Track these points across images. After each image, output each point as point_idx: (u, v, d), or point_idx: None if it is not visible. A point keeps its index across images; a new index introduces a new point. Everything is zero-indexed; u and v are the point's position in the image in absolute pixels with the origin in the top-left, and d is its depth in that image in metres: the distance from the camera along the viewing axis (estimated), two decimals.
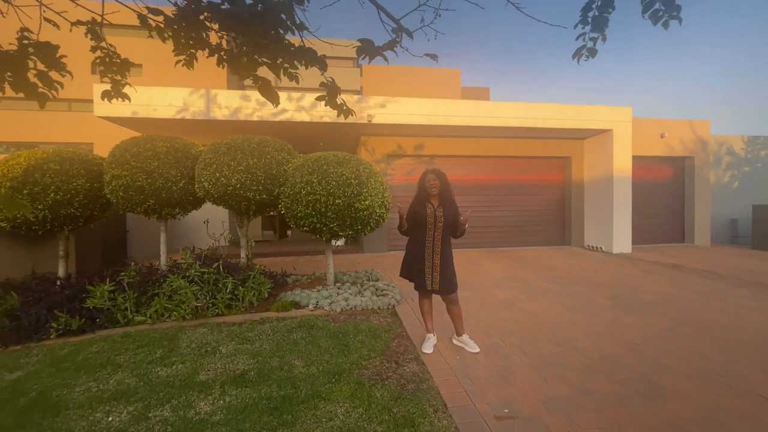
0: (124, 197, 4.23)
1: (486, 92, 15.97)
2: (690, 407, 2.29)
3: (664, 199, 9.87)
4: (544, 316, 3.98)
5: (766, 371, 2.74)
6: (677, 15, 1.45)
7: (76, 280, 4.27)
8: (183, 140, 4.61)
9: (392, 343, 3.25)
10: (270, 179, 4.36)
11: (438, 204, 3.07)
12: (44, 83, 2.12)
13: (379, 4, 1.96)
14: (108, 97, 2.41)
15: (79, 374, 2.78)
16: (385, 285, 4.78)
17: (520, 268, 6.68)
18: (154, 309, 3.75)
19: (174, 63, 2.14)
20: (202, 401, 2.38)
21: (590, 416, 2.20)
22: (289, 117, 6.82)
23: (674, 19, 1.46)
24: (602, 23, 1.63)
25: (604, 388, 2.52)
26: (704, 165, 9.72)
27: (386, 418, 2.16)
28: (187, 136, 5.92)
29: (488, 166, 9.15)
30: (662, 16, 1.47)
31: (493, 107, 7.70)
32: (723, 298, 4.65)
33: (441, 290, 3.01)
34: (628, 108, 8.30)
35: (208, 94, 6.54)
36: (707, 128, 9.72)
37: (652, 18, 1.50)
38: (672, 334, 3.46)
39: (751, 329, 3.58)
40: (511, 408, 2.29)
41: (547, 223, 9.54)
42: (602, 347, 3.16)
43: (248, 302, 4.10)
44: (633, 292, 4.93)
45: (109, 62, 2.28)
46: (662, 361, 2.90)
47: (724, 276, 5.89)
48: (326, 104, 2.28)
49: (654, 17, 1.49)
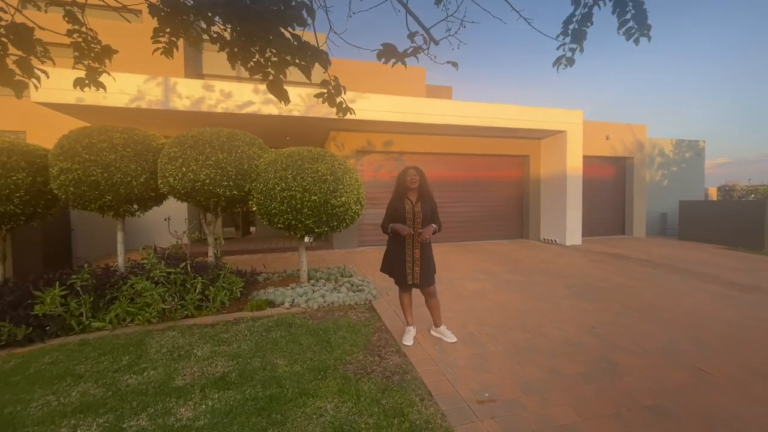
0: (75, 193, 3.85)
1: (449, 91, 16.40)
2: (642, 381, 2.60)
3: (608, 196, 10.85)
4: (512, 305, 4.25)
5: (699, 345, 3.16)
6: (647, 33, 1.65)
7: (16, 285, 3.83)
8: (143, 132, 4.28)
9: (373, 337, 3.31)
10: (241, 175, 4.20)
11: (416, 199, 3.16)
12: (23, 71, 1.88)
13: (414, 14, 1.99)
14: (81, 85, 2.16)
15: (33, 388, 2.53)
16: (360, 281, 4.81)
17: (485, 260, 7.03)
18: (114, 313, 3.48)
19: (151, 51, 1.98)
20: (182, 407, 2.28)
21: (561, 395, 2.41)
22: (256, 110, 6.55)
23: (644, 36, 1.66)
24: (581, 36, 1.79)
25: (570, 368, 2.77)
26: (641, 165, 10.80)
27: (376, 410, 2.21)
28: (143, 127, 5.50)
29: (453, 164, 9.46)
30: (634, 33, 1.66)
31: (461, 107, 7.96)
32: (660, 284, 5.25)
33: (421, 284, 3.11)
34: (579, 111, 8.98)
35: (167, 83, 6.09)
36: (644, 132, 10.79)
37: (626, 34, 1.68)
38: (622, 317, 3.86)
39: (683, 309, 4.10)
40: (491, 392, 2.44)
41: (507, 218, 10.09)
42: (565, 332, 3.46)
43: (220, 302, 3.93)
44: (587, 281, 5.40)
45: (86, 48, 2.05)
46: (616, 342, 3.23)
47: (659, 264, 6.63)
48: (323, 102, 2.24)
49: (627, 33, 1.67)
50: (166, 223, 5.19)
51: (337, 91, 2.21)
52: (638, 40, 1.67)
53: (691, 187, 12.80)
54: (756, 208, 8.61)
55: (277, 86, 1.85)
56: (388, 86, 12.92)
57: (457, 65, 2.12)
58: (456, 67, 2.11)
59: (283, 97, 1.87)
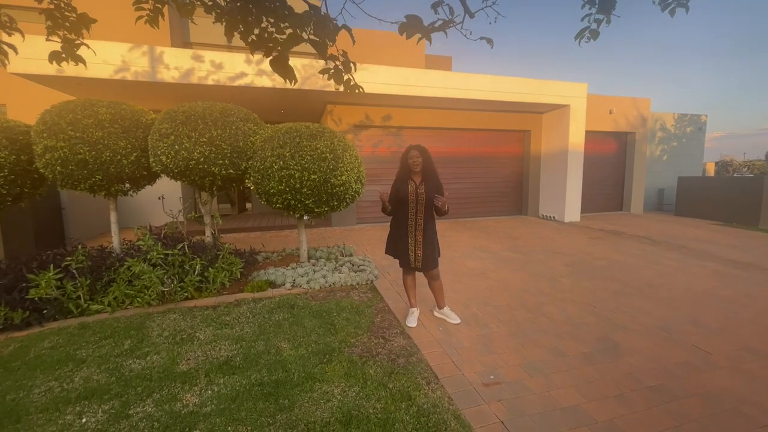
0: (62, 172, 3.67)
1: (449, 61, 15.75)
2: (643, 361, 2.63)
3: (608, 171, 10.76)
4: (513, 284, 4.26)
5: (695, 324, 3.21)
6: (685, 3, 1.49)
7: (9, 267, 3.73)
8: (130, 106, 4.04)
9: (376, 318, 3.30)
10: (236, 152, 4.03)
11: (420, 181, 3.05)
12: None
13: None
14: (57, 59, 1.94)
15: (35, 374, 2.50)
16: (361, 260, 4.78)
17: (484, 238, 7.02)
18: (112, 296, 3.42)
19: (134, 19, 1.77)
20: (188, 393, 2.27)
21: (564, 376, 2.44)
22: (249, 82, 6.22)
23: (682, 6, 1.50)
24: (610, 5, 1.62)
25: (572, 349, 2.79)
26: (643, 140, 10.64)
27: (383, 394, 2.22)
28: (129, 100, 5.21)
29: (453, 139, 9.24)
30: (671, 3, 1.50)
31: (463, 79, 7.64)
32: (657, 261, 5.29)
33: (423, 267, 3.06)
34: (583, 84, 8.69)
35: (153, 52, 5.71)
36: (648, 106, 10.55)
37: (661, 4, 1.52)
38: (621, 296, 3.89)
39: (681, 287, 4.14)
40: (496, 374, 2.46)
41: (506, 194, 10.02)
42: (566, 311, 3.48)
43: (220, 284, 3.89)
44: (586, 259, 5.42)
45: (60, 16, 1.80)
46: (616, 321, 3.27)
47: (656, 241, 6.68)
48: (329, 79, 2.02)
49: (663, 3, 1.51)
50: (161, 201, 5.05)
51: (347, 68, 1.99)
52: (674, 11, 1.52)
53: (690, 163, 12.73)
54: (754, 184, 8.61)
55: (282, 63, 1.62)
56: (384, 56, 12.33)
57: (492, 42, 1.85)
58: (491, 44, 1.85)
59: (289, 76, 1.66)
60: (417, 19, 1.70)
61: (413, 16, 1.68)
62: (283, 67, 1.60)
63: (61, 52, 1.96)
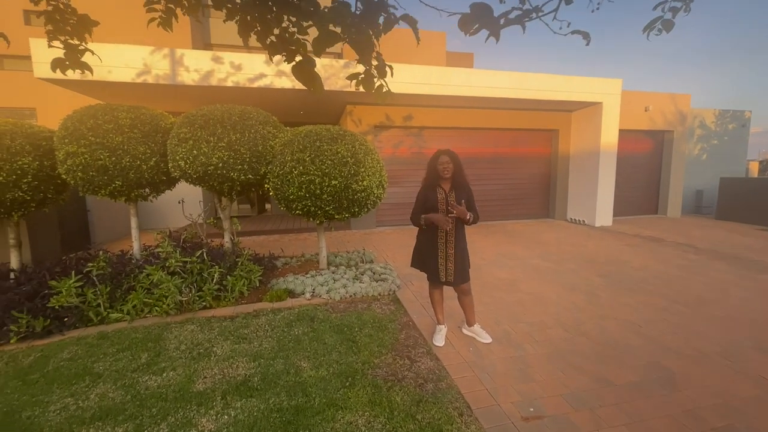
0: (83, 178, 3.64)
1: (470, 58, 15.33)
2: (704, 395, 2.32)
3: (642, 172, 10.13)
4: (546, 297, 3.96)
5: (762, 350, 2.84)
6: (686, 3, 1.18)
7: (33, 272, 3.75)
8: (149, 110, 3.99)
9: (400, 335, 3.10)
10: (255, 157, 3.91)
11: (450, 188, 2.83)
12: None
13: None
14: (61, 67, 1.82)
15: (52, 388, 2.44)
16: (382, 268, 4.59)
17: (511, 243, 6.69)
18: (131, 305, 3.37)
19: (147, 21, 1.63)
20: (203, 417, 2.13)
21: (614, 411, 2.16)
22: (268, 83, 6.13)
23: None
24: None
25: (619, 377, 2.50)
26: (681, 138, 9.95)
27: (412, 428, 2.01)
28: (150, 103, 5.21)
29: (477, 139, 8.90)
30: None
31: (487, 76, 7.31)
32: (704, 272, 4.84)
33: (455, 282, 2.83)
34: (618, 80, 8.17)
35: (173, 55, 5.70)
36: (687, 102, 9.85)
37: None
38: (668, 314, 3.53)
39: (738, 305, 3.73)
40: (536, 406, 2.21)
41: (532, 197, 9.59)
42: (607, 331, 3.17)
43: (238, 292, 3.78)
44: (622, 269, 5.03)
45: (61, 19, 1.68)
46: (667, 344, 2.93)
47: (700, 249, 6.16)
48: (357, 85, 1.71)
49: None
50: (180, 205, 5.02)
51: (381, 72, 1.68)
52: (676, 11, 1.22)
53: (732, 162, 11.86)
54: None
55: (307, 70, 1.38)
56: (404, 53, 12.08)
57: (589, 37, 1.46)
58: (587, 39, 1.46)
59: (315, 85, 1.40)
60: (486, 8, 1.31)
61: (481, 5, 1.31)
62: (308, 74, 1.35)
63: (64, 60, 1.82)
